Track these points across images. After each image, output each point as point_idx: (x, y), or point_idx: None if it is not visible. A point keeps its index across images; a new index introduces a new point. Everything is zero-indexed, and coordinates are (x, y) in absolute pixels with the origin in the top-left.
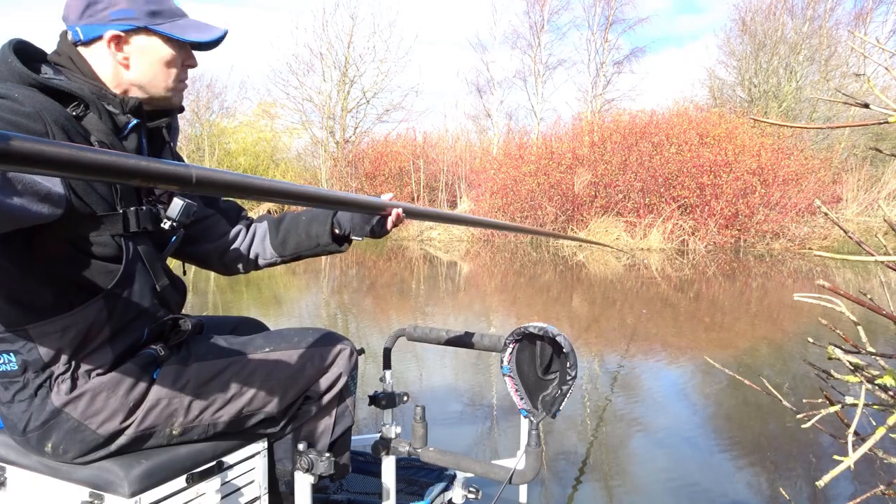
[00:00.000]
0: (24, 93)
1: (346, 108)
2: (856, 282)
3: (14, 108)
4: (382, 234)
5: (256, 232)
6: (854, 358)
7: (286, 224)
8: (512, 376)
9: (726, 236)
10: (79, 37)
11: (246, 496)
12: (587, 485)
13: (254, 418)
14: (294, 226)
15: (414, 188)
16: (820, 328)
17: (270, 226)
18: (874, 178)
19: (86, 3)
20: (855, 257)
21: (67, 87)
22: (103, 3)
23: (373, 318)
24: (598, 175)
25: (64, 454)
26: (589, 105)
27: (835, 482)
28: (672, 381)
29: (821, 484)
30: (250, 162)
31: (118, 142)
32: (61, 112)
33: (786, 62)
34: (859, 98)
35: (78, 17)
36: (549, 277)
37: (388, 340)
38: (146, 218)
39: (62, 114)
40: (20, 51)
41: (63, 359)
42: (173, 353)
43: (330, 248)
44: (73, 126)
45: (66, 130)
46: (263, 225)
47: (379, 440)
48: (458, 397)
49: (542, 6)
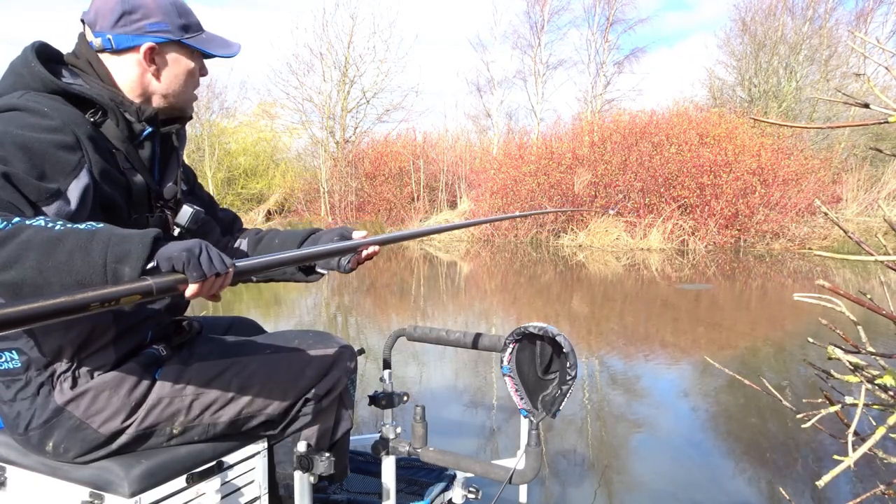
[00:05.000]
0: (50, 103)
1: (346, 108)
2: (856, 282)
3: (43, 124)
4: (348, 271)
5: (240, 246)
6: (854, 358)
7: (262, 245)
8: (512, 376)
9: (726, 236)
10: (110, 45)
11: (246, 496)
12: (587, 485)
13: (254, 419)
14: (267, 249)
15: (414, 188)
16: (820, 328)
17: (250, 243)
18: (874, 178)
19: (120, 13)
20: (855, 257)
21: (88, 93)
22: (139, 14)
23: (373, 318)
24: (598, 175)
25: (65, 453)
26: (589, 105)
27: (835, 482)
28: (672, 381)
29: (821, 484)
30: (250, 162)
31: (133, 149)
32: (84, 121)
33: (786, 62)
34: (859, 98)
35: (111, 26)
36: (549, 277)
37: (387, 340)
38: (156, 224)
39: (85, 122)
40: (40, 53)
41: (65, 357)
42: (175, 353)
43: (296, 277)
44: (96, 134)
45: (92, 140)
46: (245, 241)
47: (379, 440)
48: (458, 397)
49: (543, 6)
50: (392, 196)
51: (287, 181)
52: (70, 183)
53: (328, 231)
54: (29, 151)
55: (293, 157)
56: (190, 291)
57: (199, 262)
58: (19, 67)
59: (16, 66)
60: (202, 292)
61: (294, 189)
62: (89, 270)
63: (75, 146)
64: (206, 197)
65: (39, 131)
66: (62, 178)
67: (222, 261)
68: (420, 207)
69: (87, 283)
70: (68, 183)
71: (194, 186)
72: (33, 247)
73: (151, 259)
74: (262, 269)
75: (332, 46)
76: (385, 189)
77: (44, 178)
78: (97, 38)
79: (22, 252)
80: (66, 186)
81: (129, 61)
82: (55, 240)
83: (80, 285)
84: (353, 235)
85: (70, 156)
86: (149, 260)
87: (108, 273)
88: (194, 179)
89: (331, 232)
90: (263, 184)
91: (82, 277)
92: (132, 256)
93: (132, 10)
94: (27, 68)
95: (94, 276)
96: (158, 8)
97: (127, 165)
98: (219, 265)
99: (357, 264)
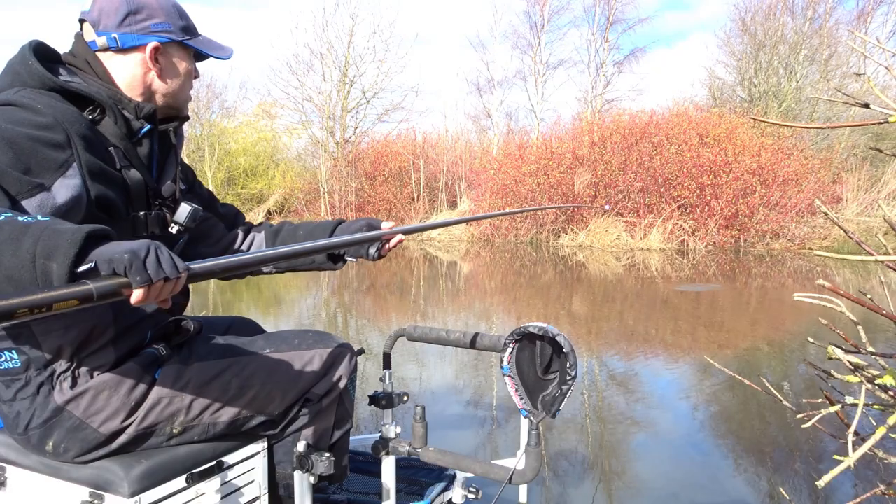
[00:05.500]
0: (45, 100)
1: (346, 108)
2: (856, 282)
3: (34, 120)
4: (377, 258)
5: (254, 241)
6: (854, 358)
7: (282, 236)
8: (512, 376)
9: (726, 236)
10: (115, 43)
11: (246, 496)
12: (587, 485)
13: (254, 419)
14: (290, 239)
15: (414, 188)
16: (820, 328)
17: (267, 236)
18: (874, 178)
19: (126, 12)
20: (855, 257)
21: (86, 90)
22: (143, 14)
23: (372, 318)
24: (598, 175)
25: (65, 453)
26: (589, 105)
27: (835, 482)
28: (672, 381)
29: (821, 484)
30: (250, 162)
31: (131, 147)
32: (80, 118)
33: (786, 62)
34: (859, 98)
35: (116, 25)
36: (549, 277)
37: (387, 340)
38: (154, 222)
39: (81, 119)
40: (37, 51)
41: (65, 357)
42: (175, 353)
43: (325, 266)
44: (92, 132)
45: (85, 138)
46: (261, 235)
47: (379, 440)
48: (458, 397)
49: (543, 6)
50: (392, 196)
51: (287, 181)
52: (56, 180)
53: (355, 221)
54: (14, 146)
55: (293, 157)
56: (134, 298)
57: (143, 265)
58: (17, 65)
59: (13, 64)
60: (148, 298)
61: (294, 189)
62: (17, 264)
63: (64, 144)
64: (205, 194)
65: (28, 127)
66: (47, 174)
67: (173, 264)
68: (420, 207)
69: (15, 278)
70: (54, 179)
71: (193, 184)
72: None
73: (84, 256)
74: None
75: (332, 46)
76: (385, 189)
77: (28, 173)
78: (101, 37)
79: None
80: (50, 182)
81: (133, 60)
82: None
83: (8, 280)
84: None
85: (57, 154)
86: (80, 257)
87: (38, 269)
88: (193, 177)
89: (358, 222)
90: (263, 184)
91: (10, 272)
92: (59, 252)
93: (137, 10)
94: (24, 66)
95: (24, 272)
96: (162, 9)
97: (125, 163)
98: (168, 269)
99: (386, 252)
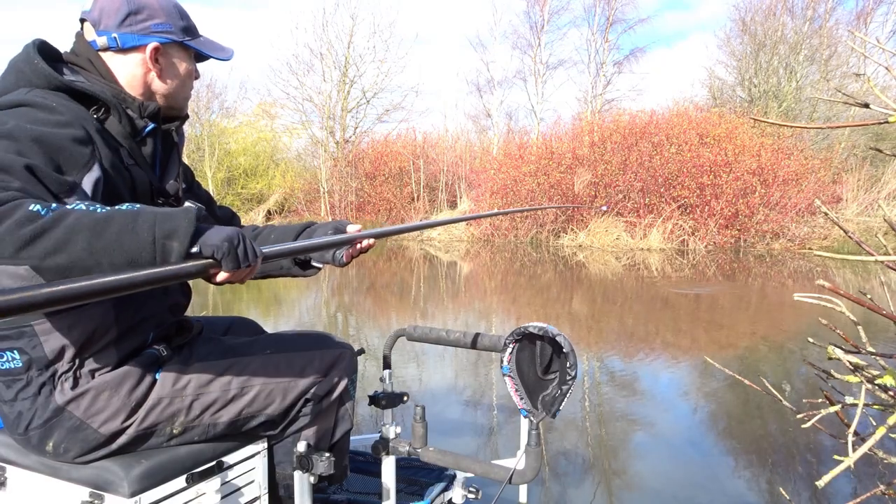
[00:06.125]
0: (57, 99)
1: (346, 108)
2: (856, 282)
3: (54, 119)
4: (343, 264)
5: None
6: (854, 358)
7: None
8: (512, 376)
9: (726, 236)
10: (115, 43)
11: (246, 496)
12: (587, 485)
13: (254, 420)
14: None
15: (414, 188)
16: (820, 328)
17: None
18: (874, 178)
19: (127, 12)
20: (855, 257)
21: (91, 89)
22: (144, 14)
23: (373, 318)
24: (598, 175)
25: (65, 453)
26: (589, 105)
27: (835, 482)
28: (672, 381)
29: (821, 484)
30: (250, 162)
31: (136, 145)
32: (89, 117)
33: (786, 62)
34: (859, 98)
35: (117, 25)
36: (549, 277)
37: (387, 340)
38: None
39: (90, 118)
40: (41, 50)
41: (67, 357)
42: (175, 353)
43: (293, 271)
44: (101, 130)
45: (100, 134)
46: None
47: (379, 440)
48: (458, 397)
49: (543, 6)
50: (392, 196)
51: (287, 181)
52: (84, 176)
53: (323, 225)
54: (44, 145)
55: (293, 157)
56: (220, 277)
57: (236, 254)
58: (21, 65)
59: (18, 63)
60: (232, 279)
61: (294, 189)
62: (139, 248)
63: (87, 140)
64: (203, 195)
65: (52, 126)
66: (76, 171)
67: (255, 252)
68: (420, 207)
69: (137, 260)
70: (83, 176)
71: (192, 184)
72: (81, 230)
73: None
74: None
75: (332, 46)
76: (385, 189)
77: (60, 172)
78: (101, 37)
79: (70, 236)
80: (80, 179)
81: (133, 60)
82: (102, 221)
83: (130, 264)
84: (347, 229)
85: (83, 149)
86: (196, 236)
87: (157, 249)
88: (192, 178)
89: (325, 226)
90: (263, 184)
91: (133, 256)
92: (180, 232)
93: (138, 11)
94: (30, 65)
95: (144, 254)
96: (162, 9)
97: (130, 161)
98: (251, 257)
99: (352, 257)
